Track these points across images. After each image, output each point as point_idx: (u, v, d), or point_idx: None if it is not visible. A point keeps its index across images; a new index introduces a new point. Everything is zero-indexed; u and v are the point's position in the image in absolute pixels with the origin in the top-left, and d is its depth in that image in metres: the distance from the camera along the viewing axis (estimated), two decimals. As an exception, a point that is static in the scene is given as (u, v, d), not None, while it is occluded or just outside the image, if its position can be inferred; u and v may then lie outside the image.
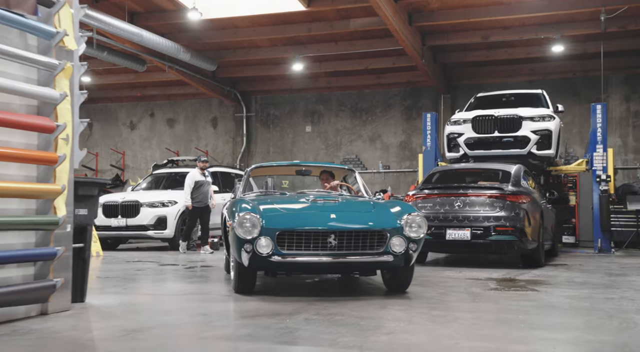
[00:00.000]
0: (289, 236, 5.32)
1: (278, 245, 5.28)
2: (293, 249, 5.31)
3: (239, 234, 5.25)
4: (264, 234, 5.25)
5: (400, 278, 5.85)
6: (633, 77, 16.05)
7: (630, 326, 4.25)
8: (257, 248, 5.23)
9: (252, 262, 5.31)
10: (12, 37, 4.46)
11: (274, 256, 5.26)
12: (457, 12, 13.42)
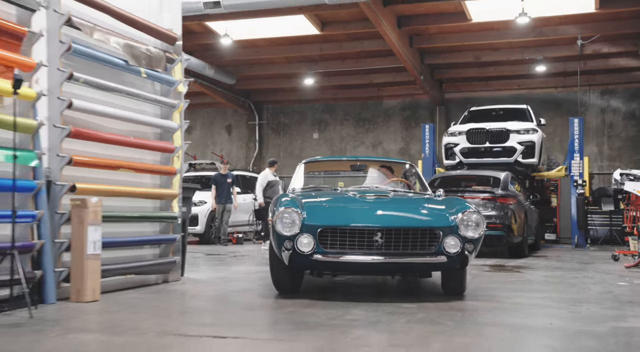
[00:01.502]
0: (332, 233, 4.98)
1: (320, 243, 4.95)
2: (336, 248, 4.96)
3: (279, 230, 4.97)
4: (305, 231, 4.93)
5: (453, 280, 5.41)
6: (607, 92, 18.01)
7: (585, 290, 6.09)
8: (297, 246, 4.92)
9: (292, 261, 5.01)
10: (148, 85, 6.24)
11: (315, 255, 4.93)
12: (453, 36, 15.30)
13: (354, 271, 5.76)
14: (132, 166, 5.87)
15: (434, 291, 5.88)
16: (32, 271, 4.75)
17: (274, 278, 5.44)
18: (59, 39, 4.99)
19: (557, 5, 13.25)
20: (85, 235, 4.93)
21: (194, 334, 3.77)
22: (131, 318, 4.33)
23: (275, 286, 5.47)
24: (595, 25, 14.24)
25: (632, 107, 17.85)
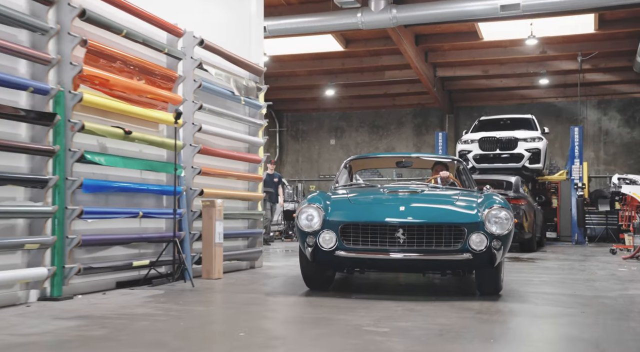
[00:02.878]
0: (354, 229, 4.97)
1: (343, 239, 4.97)
2: (359, 244, 4.94)
3: (301, 226, 5.06)
4: (327, 227, 4.98)
5: (485, 279, 5.21)
6: (604, 102, 19.64)
7: (593, 273, 7.62)
8: (319, 242, 4.98)
9: (315, 257, 5.06)
10: (241, 109, 7.72)
11: (337, 251, 4.96)
12: (464, 52, 16.86)
13: (376, 268, 5.63)
14: (235, 174, 7.37)
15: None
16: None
17: (303, 275, 5.47)
18: (193, 79, 6.47)
19: (560, 27, 14.82)
20: (214, 228, 6.41)
21: (281, 295, 5.25)
22: (249, 286, 5.88)
23: (305, 282, 5.50)
24: (594, 43, 15.83)
25: (626, 116, 19.49)
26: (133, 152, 5.86)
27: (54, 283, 4.77)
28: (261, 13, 8.36)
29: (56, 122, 4.72)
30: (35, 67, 4.75)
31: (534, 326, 3.97)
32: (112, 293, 5.24)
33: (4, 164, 4.48)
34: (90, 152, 5.09)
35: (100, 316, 4.07)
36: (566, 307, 4.75)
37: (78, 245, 4.92)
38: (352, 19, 12.64)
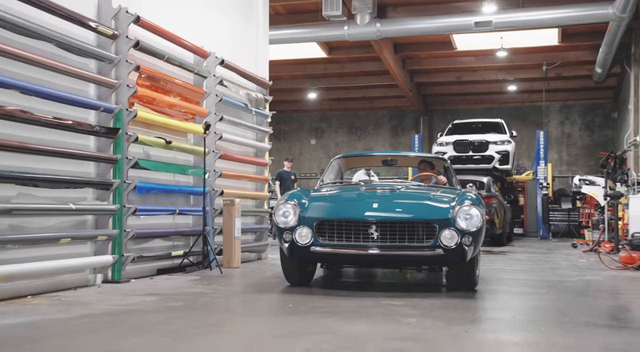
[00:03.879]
0: (329, 225, 5.09)
1: (319, 235, 5.08)
2: (334, 240, 5.06)
3: (277, 222, 5.21)
4: (303, 224, 5.10)
5: (459, 275, 5.38)
6: (566, 107, 21.10)
7: (557, 263, 8.81)
8: (295, 237, 5.10)
9: (292, 252, 5.19)
10: (250, 118, 8.70)
11: (313, 246, 5.08)
12: (439, 60, 18.08)
13: (351, 263, 5.75)
14: (247, 176, 8.37)
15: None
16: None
17: (283, 270, 5.61)
18: (215, 94, 7.44)
19: (527, 39, 16.12)
20: (233, 224, 7.40)
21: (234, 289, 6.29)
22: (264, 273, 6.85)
23: (285, 277, 5.66)
24: (557, 54, 17.20)
25: (586, 120, 20.99)
26: (168, 158, 6.82)
27: (114, 269, 5.72)
28: (267, 32, 9.36)
29: (118, 135, 5.67)
30: (101, 89, 5.68)
31: (511, 301, 5.08)
32: (157, 278, 6.19)
33: (78, 170, 5.41)
34: (142, 160, 6.05)
35: (168, 294, 5.04)
36: (535, 288, 5.88)
37: (133, 237, 5.87)
38: (339, 31, 13.69)
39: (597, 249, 11.20)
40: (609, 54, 15.15)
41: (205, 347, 3.12)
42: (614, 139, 20.68)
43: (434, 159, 7.25)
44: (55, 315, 4.02)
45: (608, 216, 11.25)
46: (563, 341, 3.36)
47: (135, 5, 6.04)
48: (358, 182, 6.60)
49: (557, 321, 3.97)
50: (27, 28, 4.69)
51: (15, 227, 4.74)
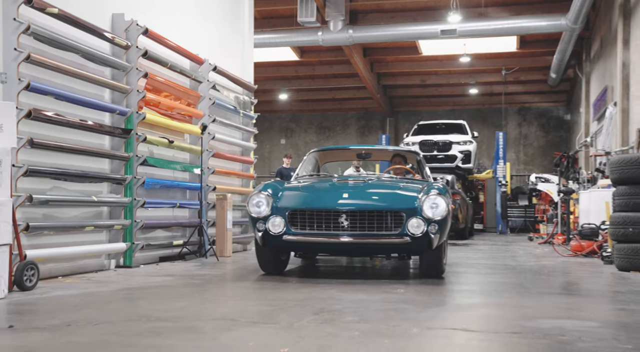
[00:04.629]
0: (301, 215, 5.23)
1: (291, 225, 5.22)
2: (306, 229, 5.21)
3: (251, 212, 5.33)
4: (276, 213, 5.23)
5: (427, 262, 5.52)
6: (523, 110, 22.33)
7: (516, 252, 9.76)
8: (268, 227, 5.22)
9: (265, 241, 5.33)
10: (237, 119, 9.39)
11: (285, 235, 5.22)
12: (405, 64, 19.02)
13: (322, 251, 5.90)
14: (237, 173, 9.06)
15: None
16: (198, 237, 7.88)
17: (258, 259, 5.74)
18: (209, 98, 8.12)
19: (488, 46, 17.17)
20: (225, 216, 8.09)
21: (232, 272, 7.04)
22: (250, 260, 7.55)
23: (260, 267, 5.78)
24: (515, 60, 18.32)
25: (542, 122, 22.24)
26: (169, 156, 7.47)
27: (126, 255, 6.36)
28: (252, 39, 10.07)
29: (130, 135, 6.32)
30: (115, 94, 6.32)
31: (479, 278, 5.92)
32: (162, 264, 6.86)
33: (96, 166, 6.05)
34: (150, 157, 6.70)
35: (182, 275, 5.73)
36: (498, 270, 6.76)
37: (141, 227, 6.52)
38: (314, 36, 14.46)
39: (551, 241, 12.24)
40: (563, 60, 16.30)
41: (239, 309, 3.83)
42: (567, 139, 21.99)
43: (407, 152, 7.50)
44: (97, 289, 4.68)
45: (561, 210, 12.30)
46: (523, 302, 4.19)
47: (139, 17, 6.67)
48: (333, 175, 6.83)
49: (518, 291, 4.81)
50: (60, 41, 5.32)
51: (47, 216, 5.36)
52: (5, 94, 4.82)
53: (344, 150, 8.40)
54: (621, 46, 11.06)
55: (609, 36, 12.95)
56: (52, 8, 5.18)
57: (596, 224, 8.89)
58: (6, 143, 4.07)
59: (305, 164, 6.86)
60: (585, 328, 3.25)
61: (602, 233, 8.59)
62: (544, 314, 3.72)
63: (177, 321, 3.31)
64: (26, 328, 3.11)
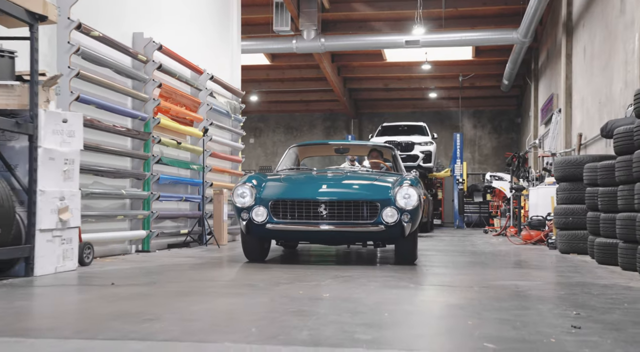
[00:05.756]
0: (282, 205, 5.50)
1: (273, 214, 5.50)
2: (287, 218, 5.49)
3: (236, 202, 5.62)
4: (259, 204, 5.51)
5: (402, 250, 5.86)
6: (478, 113, 23.88)
7: (474, 242, 11.06)
8: (252, 216, 5.51)
9: (249, 229, 5.62)
10: (228, 122, 10.40)
11: (268, 224, 5.50)
12: (371, 69, 20.27)
13: (302, 239, 6.22)
14: (229, 171, 10.08)
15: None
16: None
17: (243, 247, 6.07)
18: (207, 103, 9.12)
19: (447, 54, 18.56)
20: (222, 209, 9.11)
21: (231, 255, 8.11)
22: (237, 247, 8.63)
23: (245, 254, 6.10)
24: (471, 67, 19.79)
25: (495, 124, 23.83)
26: (174, 156, 8.45)
27: (144, 241, 7.34)
28: (240, 50, 11.08)
29: (148, 138, 7.29)
30: (135, 102, 7.28)
31: (447, 258, 7.12)
32: (173, 250, 7.84)
33: (121, 165, 7.00)
34: (163, 157, 7.68)
35: (198, 257, 6.74)
36: (462, 254, 7.99)
37: (156, 217, 7.50)
38: (289, 44, 15.53)
39: (504, 232, 13.63)
40: (514, 69, 17.80)
41: (273, 276, 4.87)
42: (517, 141, 23.64)
43: (383, 148, 7.84)
44: (142, 265, 5.67)
45: (513, 205, 13.70)
46: (487, 272, 5.38)
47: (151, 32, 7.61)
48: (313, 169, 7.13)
49: (481, 266, 6.01)
50: (99, 59, 6.28)
51: (86, 206, 6.30)
52: (59, 105, 5.75)
53: (323, 145, 8.76)
54: (564, 60, 12.50)
55: (554, 49, 14.44)
56: (95, 32, 6.14)
57: (543, 216, 10.24)
58: (77, 146, 5.04)
59: (286, 158, 7.27)
60: (534, 285, 4.46)
61: (548, 224, 9.94)
62: (503, 278, 4.91)
63: (232, 281, 4.36)
64: (124, 285, 4.13)
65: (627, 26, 8.58)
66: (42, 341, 2.38)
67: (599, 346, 2.38)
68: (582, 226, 7.47)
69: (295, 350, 2.23)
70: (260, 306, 3.32)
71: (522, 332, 2.63)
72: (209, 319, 2.86)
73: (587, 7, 11.29)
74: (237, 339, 2.41)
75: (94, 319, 2.88)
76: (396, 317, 2.96)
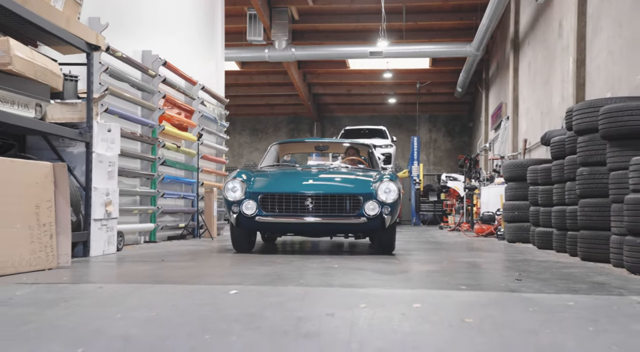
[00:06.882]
0: (271, 199, 5.81)
1: (262, 207, 5.82)
2: (275, 211, 5.82)
3: (227, 196, 5.92)
4: (249, 198, 5.83)
5: (381, 241, 6.26)
6: (433, 117, 25.44)
7: (433, 235, 12.40)
8: (242, 209, 5.82)
9: (239, 222, 5.93)
10: (214, 127, 11.46)
11: (257, 217, 5.83)
12: (334, 76, 21.53)
13: (290, 231, 6.42)
14: (215, 172, 11.15)
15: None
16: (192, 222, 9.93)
17: (232, 241, 6.43)
18: (199, 111, 10.18)
19: (406, 63, 19.97)
20: (212, 206, 10.18)
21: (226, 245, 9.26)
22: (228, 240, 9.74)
23: (233, 246, 6.46)
24: (428, 75, 21.28)
25: (449, 128, 25.43)
26: (172, 158, 9.48)
27: (151, 233, 8.37)
28: (223, 60, 12.15)
29: (155, 142, 8.33)
30: (144, 111, 8.31)
31: (413, 246, 8.39)
32: (173, 242, 8.87)
33: (133, 166, 8.02)
34: (167, 159, 8.72)
35: (201, 246, 7.81)
36: (426, 244, 9.29)
37: (161, 212, 8.54)
38: (261, 53, 16.64)
39: (458, 228, 15.07)
40: (467, 78, 19.34)
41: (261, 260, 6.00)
42: (469, 144, 25.29)
43: (360, 145, 8.26)
44: (160, 250, 6.72)
45: (466, 203, 15.15)
46: (449, 254, 6.65)
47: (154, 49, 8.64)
48: (295, 165, 7.48)
49: (444, 251, 7.29)
50: (121, 76, 7.30)
51: (109, 202, 7.31)
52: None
53: (303, 143, 9.27)
54: (512, 73, 14.00)
55: (503, 62, 15.98)
56: (118, 52, 7.16)
57: (493, 212, 11.67)
58: (117, 151, 6.09)
59: (269, 155, 7.73)
60: (488, 261, 5.75)
61: (498, 218, 11.36)
62: (464, 257, 6.20)
63: (249, 258, 5.48)
64: (171, 261, 5.22)
65: (564, 49, 10.04)
66: (163, 286, 3.49)
67: (532, 287, 3.65)
68: (526, 218, 8.86)
69: (289, 290, 3.40)
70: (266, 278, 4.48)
71: (482, 282, 3.89)
72: (229, 278, 4.01)
73: (532, 28, 12.79)
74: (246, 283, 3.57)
75: (179, 277, 3.99)
76: (394, 276, 4.18)
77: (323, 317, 2.53)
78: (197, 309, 2.75)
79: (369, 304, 2.87)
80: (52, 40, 5.18)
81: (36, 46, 5.44)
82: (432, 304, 2.95)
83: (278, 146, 8.05)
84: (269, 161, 7.60)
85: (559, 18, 10.45)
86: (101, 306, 2.86)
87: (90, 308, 2.81)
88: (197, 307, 2.81)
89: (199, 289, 3.40)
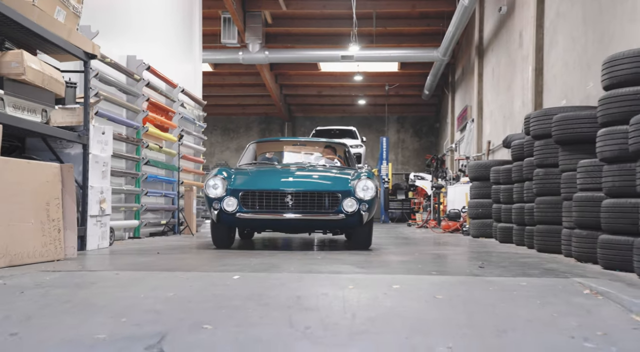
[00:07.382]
0: (251, 196, 5.91)
1: (243, 204, 5.90)
2: (256, 208, 5.93)
3: (208, 193, 6.02)
4: (230, 195, 5.92)
5: (358, 237, 6.46)
6: (401, 118, 26.13)
7: (402, 231, 13.00)
8: (223, 206, 5.93)
9: (220, 218, 6.04)
10: (193, 127, 11.84)
11: (238, 213, 5.94)
12: (305, 77, 22.03)
13: (270, 227, 6.51)
14: (193, 171, 11.55)
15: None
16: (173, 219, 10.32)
17: (212, 237, 6.56)
18: (179, 113, 10.57)
19: (376, 67, 20.58)
20: (192, 204, 10.58)
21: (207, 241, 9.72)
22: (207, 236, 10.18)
23: (213, 242, 6.60)
24: (397, 78, 21.93)
25: (416, 129, 26.16)
26: (154, 158, 9.86)
27: (136, 230, 8.75)
28: (201, 60, 12.55)
29: (140, 143, 8.71)
30: (129, 113, 8.68)
31: (388, 240, 8.93)
32: (156, 238, 9.25)
33: (118, 165, 8.39)
34: (151, 159, 9.11)
35: (182, 241, 8.23)
36: (397, 238, 9.85)
37: (144, 210, 8.92)
38: (235, 55, 17.03)
39: (426, 225, 15.72)
40: (434, 81, 20.04)
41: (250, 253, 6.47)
42: (436, 144, 26.06)
43: (336, 144, 8.46)
44: (149, 245, 7.12)
45: (433, 201, 15.80)
46: (418, 247, 7.21)
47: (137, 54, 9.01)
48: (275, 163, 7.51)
49: (414, 245, 7.86)
50: (109, 80, 7.68)
51: (98, 200, 7.67)
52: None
53: (280, 142, 9.40)
54: (477, 78, 14.70)
55: (468, 67, 16.69)
56: (108, 58, 7.54)
57: (459, 209, 12.31)
58: (109, 152, 6.48)
59: (247, 153, 7.84)
60: (454, 252, 6.32)
61: (463, 215, 12.01)
62: (432, 250, 6.76)
63: (235, 253, 5.94)
64: (165, 253, 5.65)
65: (524, 58, 10.73)
66: (173, 272, 3.93)
67: (492, 272, 4.21)
68: (489, 215, 9.49)
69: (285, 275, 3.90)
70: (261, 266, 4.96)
71: (450, 269, 4.44)
72: (228, 267, 4.49)
73: (495, 36, 13.48)
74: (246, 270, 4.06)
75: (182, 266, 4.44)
76: (373, 265, 4.70)
77: (319, 296, 3.02)
78: (211, 289, 3.22)
79: (356, 286, 3.38)
80: (54, 49, 5.56)
81: (35, 54, 5.81)
82: (409, 285, 3.47)
83: (255, 145, 8.22)
84: (248, 159, 7.74)
85: (519, 29, 11.13)
86: (124, 288, 3.31)
87: (116, 289, 3.26)
88: (211, 286, 3.29)
89: (205, 275, 3.86)
